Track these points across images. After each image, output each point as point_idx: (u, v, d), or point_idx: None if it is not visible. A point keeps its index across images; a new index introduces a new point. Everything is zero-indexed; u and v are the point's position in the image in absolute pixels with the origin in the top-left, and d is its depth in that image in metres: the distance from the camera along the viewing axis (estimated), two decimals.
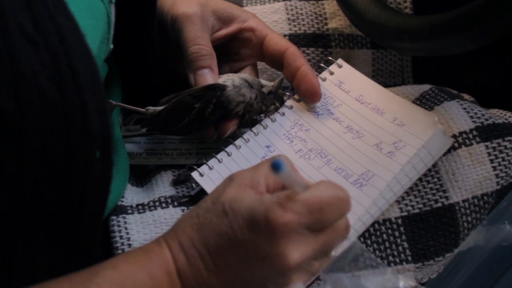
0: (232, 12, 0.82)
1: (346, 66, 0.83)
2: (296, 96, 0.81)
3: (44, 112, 0.49)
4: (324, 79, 0.82)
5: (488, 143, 0.75)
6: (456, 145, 0.75)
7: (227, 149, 0.78)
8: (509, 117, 0.78)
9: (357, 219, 0.69)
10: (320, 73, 0.83)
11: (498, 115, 0.78)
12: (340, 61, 0.83)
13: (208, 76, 0.77)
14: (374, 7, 0.80)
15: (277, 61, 0.82)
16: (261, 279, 0.56)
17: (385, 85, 0.95)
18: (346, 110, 0.79)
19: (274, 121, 0.80)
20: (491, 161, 0.74)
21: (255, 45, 0.83)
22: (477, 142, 0.75)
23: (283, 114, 0.81)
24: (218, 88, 0.75)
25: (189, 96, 0.75)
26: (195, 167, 0.76)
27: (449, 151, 0.75)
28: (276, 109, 0.80)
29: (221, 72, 0.80)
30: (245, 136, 0.79)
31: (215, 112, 0.75)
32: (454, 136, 0.75)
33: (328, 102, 0.80)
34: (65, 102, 0.50)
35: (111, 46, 0.69)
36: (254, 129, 0.80)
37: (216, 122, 0.77)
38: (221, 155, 0.77)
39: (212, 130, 0.79)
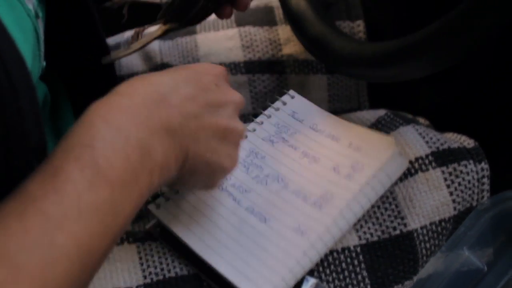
0: None
1: (298, 96, 0.83)
2: None
3: None
4: (277, 109, 0.81)
5: (444, 168, 0.75)
6: (412, 171, 0.75)
7: None
8: (464, 141, 0.78)
9: (318, 238, 0.69)
10: (273, 103, 0.83)
11: (453, 139, 0.79)
12: (291, 92, 0.83)
13: None
14: (328, 34, 0.80)
15: None
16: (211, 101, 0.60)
17: (342, 109, 0.96)
18: (300, 137, 0.78)
19: None
20: (448, 186, 0.74)
21: None
22: (433, 168, 0.75)
23: None
24: None
25: None
26: (150, 199, 0.75)
27: (406, 177, 0.75)
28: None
29: None
30: None
31: None
32: (410, 162, 0.75)
33: (282, 130, 0.79)
34: (3, 108, 0.48)
35: (44, 63, 0.67)
36: None
37: None
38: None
39: (229, 8, 0.79)
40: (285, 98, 0.83)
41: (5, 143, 0.48)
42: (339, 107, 0.96)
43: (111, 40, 1.02)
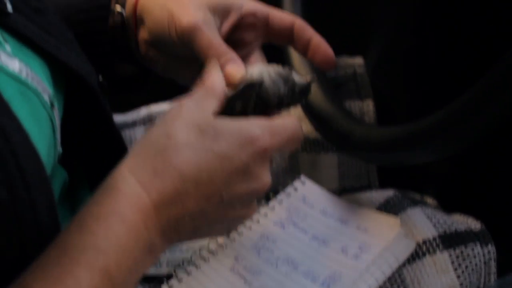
0: (226, 2, 0.77)
1: (308, 183, 0.86)
2: None
3: None
4: (288, 195, 0.84)
5: (451, 251, 0.76)
6: (420, 253, 0.76)
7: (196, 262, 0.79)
8: (471, 223, 0.80)
9: None
10: (284, 186, 0.85)
11: (460, 222, 0.80)
12: (303, 178, 0.86)
13: (236, 67, 0.71)
14: (338, 117, 0.82)
15: (285, 37, 0.78)
16: (235, 194, 0.60)
17: (352, 187, 0.97)
18: (311, 222, 0.81)
19: (241, 234, 0.81)
20: (455, 269, 0.75)
21: (259, 27, 0.78)
22: (441, 250, 0.76)
23: (250, 228, 0.82)
24: (256, 85, 0.71)
25: (229, 99, 0.70)
26: (164, 280, 0.76)
27: (413, 259, 0.76)
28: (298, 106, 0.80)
29: None
30: (212, 248, 0.80)
31: (256, 109, 0.71)
32: (418, 244, 0.77)
33: (293, 215, 0.82)
34: (15, 202, 0.50)
35: (60, 150, 0.70)
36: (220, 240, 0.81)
37: None
38: (190, 268, 0.78)
39: None
40: (297, 183, 0.85)
41: (19, 235, 0.51)
42: (349, 185, 0.97)
43: (127, 117, 1.05)
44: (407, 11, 1.04)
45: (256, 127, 0.61)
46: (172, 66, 0.81)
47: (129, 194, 0.56)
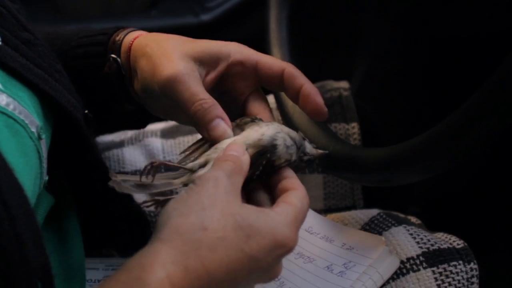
0: (212, 51, 0.76)
1: None
2: None
3: None
4: None
5: (434, 268, 0.78)
6: (404, 270, 0.78)
7: None
8: (454, 241, 0.81)
9: None
10: None
11: (443, 240, 0.82)
12: None
13: (221, 126, 0.71)
14: (323, 137, 0.83)
15: (276, 84, 0.76)
16: (249, 285, 0.62)
17: (336, 207, 0.99)
18: None
19: None
20: (438, 286, 0.77)
21: (248, 75, 0.77)
22: (424, 268, 0.78)
23: None
24: (268, 151, 0.70)
25: None
26: None
27: (398, 276, 0.78)
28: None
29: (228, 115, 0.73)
30: None
31: (263, 172, 0.70)
32: (402, 262, 0.78)
33: None
34: (0, 236, 0.51)
35: (46, 178, 0.70)
36: None
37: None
38: None
39: None
40: None
41: (5, 269, 0.51)
42: (334, 204, 0.99)
43: (114, 137, 1.06)
44: (391, 35, 1.06)
45: (285, 228, 0.61)
46: (169, 111, 0.80)
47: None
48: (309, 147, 0.74)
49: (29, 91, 0.68)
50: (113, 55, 0.81)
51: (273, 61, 0.76)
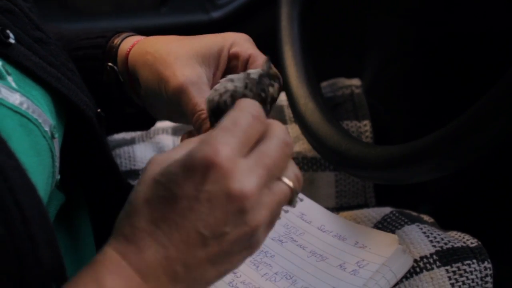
0: (215, 49, 0.75)
1: (306, 199, 0.87)
2: None
3: None
4: (286, 211, 0.85)
5: (448, 267, 0.77)
6: (418, 269, 0.77)
7: None
8: (467, 240, 0.81)
9: None
10: None
11: (457, 238, 0.81)
12: (300, 195, 0.86)
13: None
14: (335, 135, 0.83)
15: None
16: (216, 225, 0.52)
17: (348, 205, 0.99)
18: (309, 238, 0.81)
19: None
20: (452, 285, 0.76)
21: (241, 69, 0.76)
22: (438, 267, 0.77)
23: None
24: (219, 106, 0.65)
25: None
26: None
27: (411, 275, 0.77)
28: (279, 89, 0.69)
29: None
30: None
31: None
32: (415, 260, 0.78)
33: (291, 231, 0.83)
34: (14, 238, 0.50)
35: (58, 177, 0.70)
36: None
37: None
38: None
39: None
40: None
41: (19, 271, 0.51)
42: (346, 202, 0.99)
43: (125, 134, 1.06)
44: (402, 33, 1.06)
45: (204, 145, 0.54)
46: (174, 117, 0.82)
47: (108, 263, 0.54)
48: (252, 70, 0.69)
49: (42, 90, 0.68)
50: (110, 64, 0.81)
51: (263, 57, 0.74)
